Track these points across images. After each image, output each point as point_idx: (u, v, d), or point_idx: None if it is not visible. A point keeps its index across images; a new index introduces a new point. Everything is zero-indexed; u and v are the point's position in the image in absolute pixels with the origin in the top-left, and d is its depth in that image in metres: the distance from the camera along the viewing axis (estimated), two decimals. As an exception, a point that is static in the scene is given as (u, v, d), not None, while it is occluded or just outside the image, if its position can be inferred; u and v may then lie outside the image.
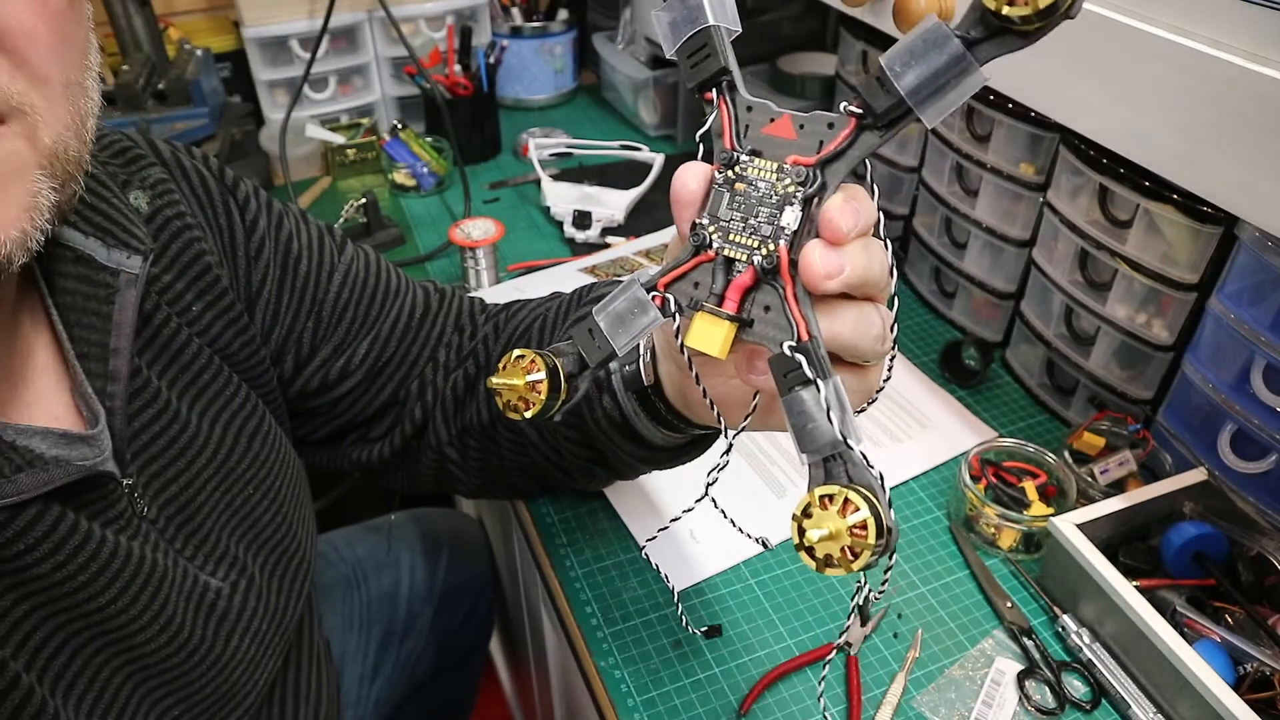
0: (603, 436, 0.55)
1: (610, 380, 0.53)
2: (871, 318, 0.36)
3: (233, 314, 0.56)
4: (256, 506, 0.56)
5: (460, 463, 0.66)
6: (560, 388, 0.39)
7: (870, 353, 0.37)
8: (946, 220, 0.96)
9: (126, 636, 0.46)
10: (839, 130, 0.34)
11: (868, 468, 0.32)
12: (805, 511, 0.30)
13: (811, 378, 0.33)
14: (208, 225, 0.56)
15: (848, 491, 0.30)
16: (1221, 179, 0.55)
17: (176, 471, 0.51)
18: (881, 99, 0.32)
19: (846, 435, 0.32)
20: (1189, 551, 0.65)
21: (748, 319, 0.36)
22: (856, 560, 0.29)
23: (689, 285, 0.37)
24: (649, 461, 0.57)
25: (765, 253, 0.35)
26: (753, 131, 0.36)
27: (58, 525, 0.42)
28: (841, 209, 0.34)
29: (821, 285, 0.34)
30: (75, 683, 0.44)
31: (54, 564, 0.42)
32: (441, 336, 0.66)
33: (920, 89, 0.31)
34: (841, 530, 0.29)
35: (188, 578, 0.50)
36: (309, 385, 0.62)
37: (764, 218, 0.35)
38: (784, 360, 0.34)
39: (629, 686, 0.63)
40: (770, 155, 0.36)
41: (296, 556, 0.59)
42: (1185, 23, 0.55)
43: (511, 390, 0.39)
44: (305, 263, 0.61)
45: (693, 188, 0.37)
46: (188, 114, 1.12)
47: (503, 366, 0.40)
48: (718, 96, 0.37)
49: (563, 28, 1.39)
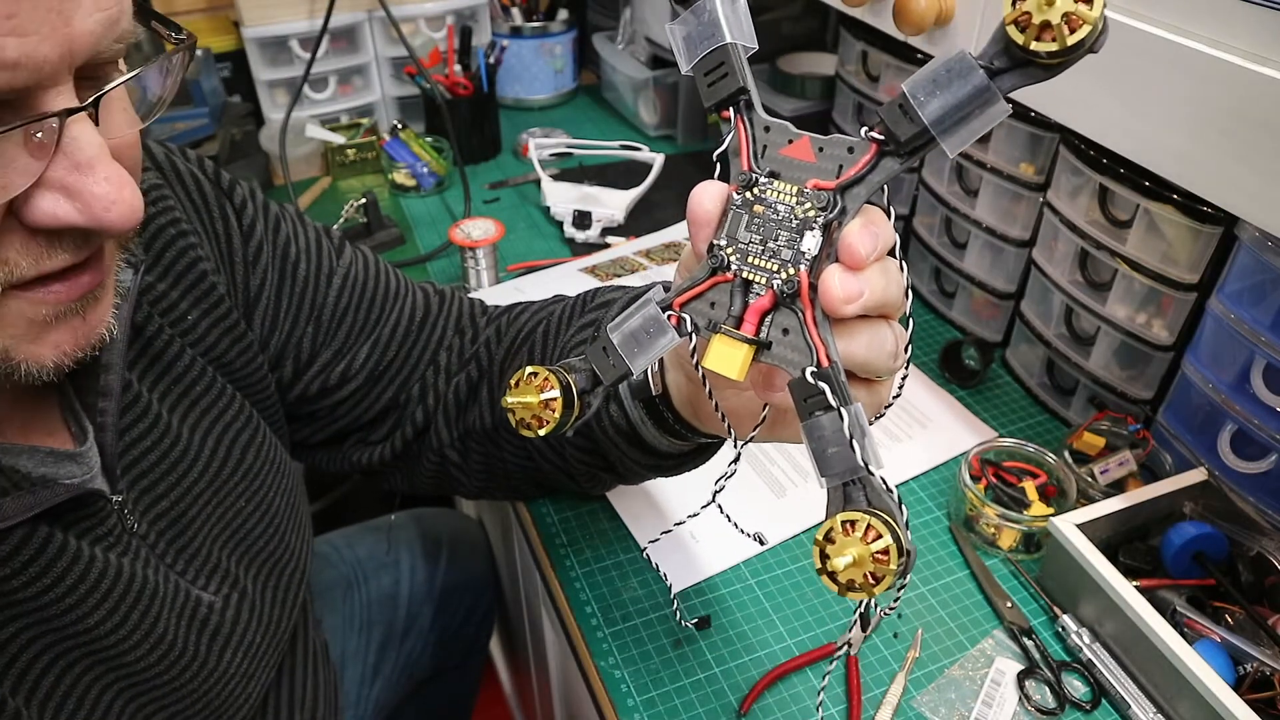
0: (609, 443, 0.55)
1: (617, 389, 0.52)
2: (885, 335, 0.37)
3: (229, 321, 0.56)
4: (249, 519, 0.55)
5: (462, 465, 0.66)
6: (574, 404, 0.39)
7: (884, 370, 0.37)
8: (946, 220, 0.95)
9: (117, 655, 0.45)
10: (859, 155, 0.34)
11: (887, 493, 0.32)
12: (828, 537, 0.30)
13: (835, 405, 0.33)
14: (203, 231, 0.55)
15: (870, 518, 0.30)
16: (1221, 179, 0.55)
17: (167, 486, 0.50)
18: (905, 127, 0.32)
19: (868, 461, 0.32)
20: (1189, 551, 0.65)
21: (766, 341, 0.35)
22: (878, 585, 0.30)
23: (705, 305, 0.37)
24: (655, 469, 0.57)
25: (785, 277, 0.35)
26: (770, 152, 0.36)
27: (46, 546, 0.42)
28: (861, 235, 0.34)
29: (841, 310, 0.34)
30: (64, 703, 0.44)
31: (42, 586, 0.42)
32: (442, 340, 0.66)
33: (944, 119, 0.31)
34: (865, 556, 0.30)
35: (179, 593, 0.49)
36: (309, 390, 0.62)
37: (783, 241, 0.35)
38: (805, 386, 0.34)
39: (629, 686, 0.63)
40: (789, 178, 0.35)
41: (289, 567, 0.59)
42: (1186, 23, 0.55)
43: (525, 408, 0.39)
44: (304, 266, 0.60)
45: (709, 208, 0.37)
46: (188, 114, 1.12)
47: (515, 383, 0.39)
48: (735, 116, 0.36)
49: (563, 28, 1.39)
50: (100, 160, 0.34)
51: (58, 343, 0.37)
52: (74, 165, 0.33)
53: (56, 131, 0.32)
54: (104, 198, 0.34)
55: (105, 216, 0.34)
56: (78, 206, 0.34)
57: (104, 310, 0.40)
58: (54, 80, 0.32)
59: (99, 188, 0.34)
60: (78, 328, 0.38)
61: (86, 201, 0.34)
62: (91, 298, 0.38)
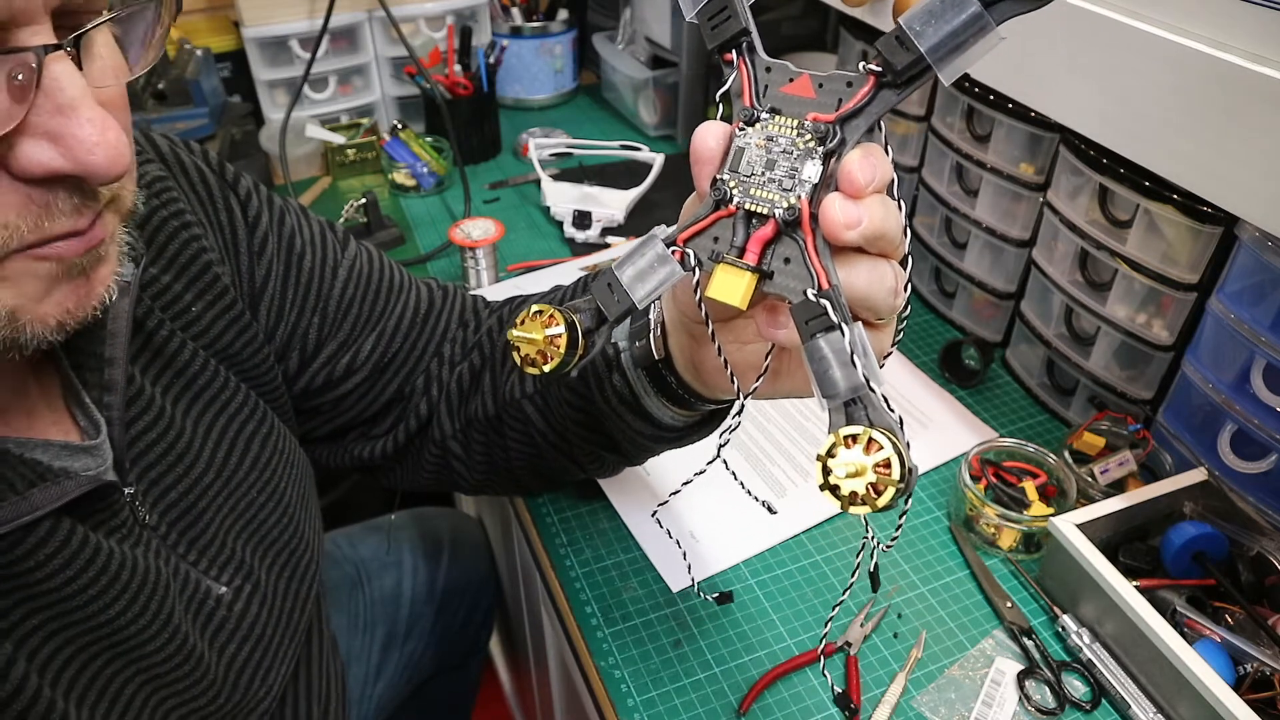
0: (613, 416, 0.55)
1: (620, 359, 0.53)
2: (885, 271, 0.37)
3: (234, 313, 0.56)
4: (261, 509, 0.55)
5: (464, 457, 0.66)
6: (578, 343, 0.40)
7: (884, 306, 0.38)
8: (946, 220, 0.96)
9: (137, 646, 0.46)
10: (858, 88, 0.35)
11: (888, 410, 0.33)
12: (830, 451, 0.31)
13: (836, 322, 0.34)
14: (208, 222, 0.55)
15: (872, 431, 0.31)
16: (1221, 179, 0.55)
17: (175, 478, 0.50)
18: (901, 56, 0.33)
19: (869, 378, 0.33)
20: (1189, 551, 0.65)
21: (768, 270, 0.36)
22: (880, 497, 0.30)
23: (709, 240, 0.38)
24: (658, 440, 0.57)
25: (786, 205, 0.36)
26: (772, 91, 0.37)
27: (70, 539, 0.42)
28: (861, 163, 0.35)
29: (842, 235, 0.34)
30: (86, 694, 0.44)
31: (65, 578, 0.42)
32: (446, 332, 0.66)
33: (939, 47, 0.32)
34: (866, 467, 0.30)
35: (189, 583, 0.50)
36: (314, 382, 0.62)
37: (784, 171, 0.36)
38: (807, 306, 0.34)
39: (629, 686, 0.63)
40: (790, 113, 0.36)
41: (304, 558, 0.59)
42: (1185, 23, 0.55)
43: (530, 344, 0.40)
44: (309, 258, 0.60)
45: (712, 144, 0.37)
46: (188, 114, 1.12)
47: (521, 321, 0.40)
48: (737, 57, 0.38)
49: (563, 28, 1.39)
50: (83, 102, 0.33)
51: (61, 301, 0.37)
52: (56, 108, 0.33)
53: (36, 72, 0.32)
54: (87, 140, 0.33)
55: (90, 160, 0.34)
56: (61, 151, 0.33)
57: (107, 271, 0.40)
58: (29, 17, 0.32)
59: (82, 130, 0.33)
60: (80, 287, 0.38)
61: (70, 145, 0.33)
62: (94, 255, 0.38)
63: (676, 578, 0.70)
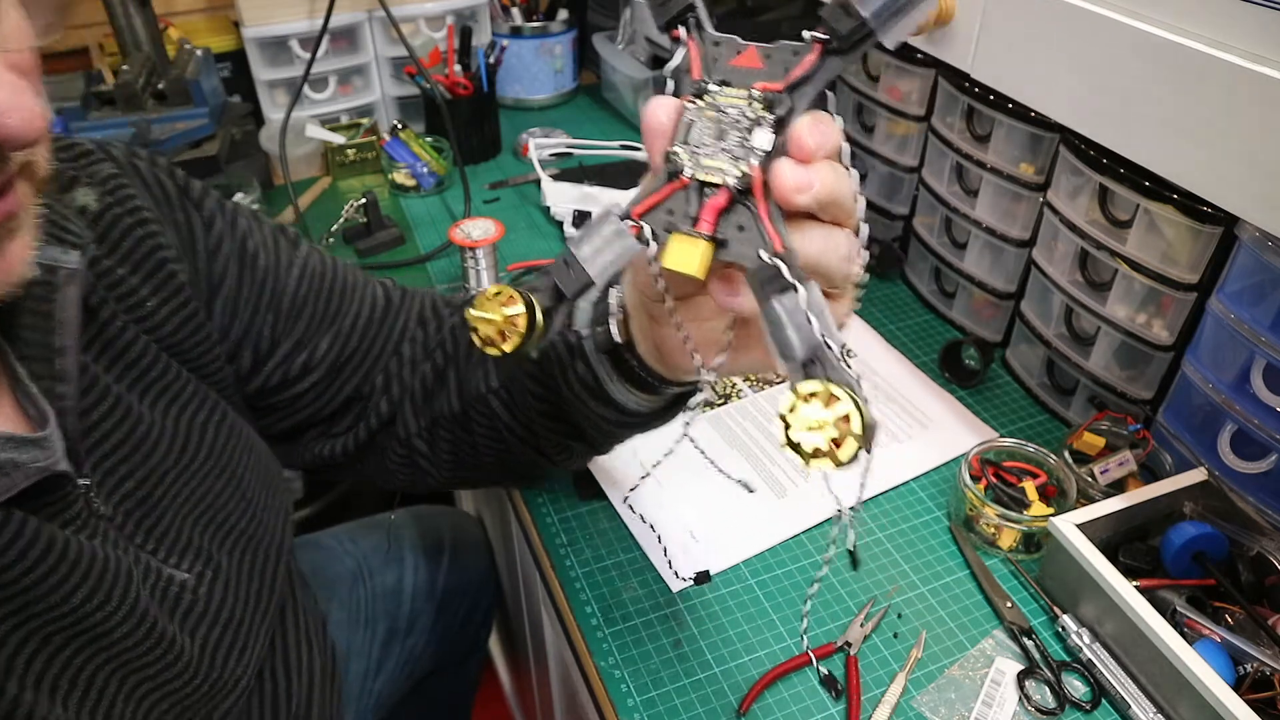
0: (578, 403, 0.56)
1: (583, 346, 0.53)
2: (839, 238, 0.38)
3: (189, 310, 0.56)
4: (219, 496, 0.55)
5: (429, 455, 0.66)
6: (536, 322, 0.40)
7: (838, 273, 0.38)
8: (946, 220, 0.96)
9: (104, 634, 0.45)
10: (804, 57, 0.36)
11: (846, 369, 0.33)
12: (791, 409, 0.32)
13: (791, 281, 0.34)
14: (166, 220, 0.56)
15: (830, 386, 0.32)
16: (1221, 179, 0.55)
17: (132, 467, 0.50)
18: (845, 23, 0.34)
19: (825, 335, 0.34)
20: (1189, 551, 0.65)
21: (723, 239, 0.37)
22: (841, 449, 0.31)
23: (663, 213, 0.38)
24: (623, 426, 0.57)
25: (739, 174, 0.36)
26: (721, 64, 0.38)
27: (22, 530, 0.41)
28: (810, 128, 0.35)
29: (793, 199, 0.35)
30: (58, 684, 0.43)
31: (21, 569, 0.41)
32: (405, 331, 0.67)
33: (881, 12, 0.34)
34: (826, 422, 0.31)
35: (150, 571, 0.49)
36: (270, 381, 0.62)
37: (736, 141, 0.37)
38: (763, 268, 0.35)
39: (629, 686, 0.63)
40: (739, 84, 0.37)
41: (265, 542, 0.59)
42: (1185, 22, 0.55)
43: (488, 324, 0.40)
44: (263, 258, 0.61)
45: (663, 118, 0.38)
46: (188, 114, 1.12)
47: (479, 302, 0.40)
48: (686, 34, 0.39)
49: (563, 28, 1.39)
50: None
51: None
52: None
53: None
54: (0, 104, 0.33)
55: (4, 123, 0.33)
56: None
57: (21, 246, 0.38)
58: None
59: None
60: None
61: None
62: (4, 230, 0.37)
63: (675, 579, 0.70)
